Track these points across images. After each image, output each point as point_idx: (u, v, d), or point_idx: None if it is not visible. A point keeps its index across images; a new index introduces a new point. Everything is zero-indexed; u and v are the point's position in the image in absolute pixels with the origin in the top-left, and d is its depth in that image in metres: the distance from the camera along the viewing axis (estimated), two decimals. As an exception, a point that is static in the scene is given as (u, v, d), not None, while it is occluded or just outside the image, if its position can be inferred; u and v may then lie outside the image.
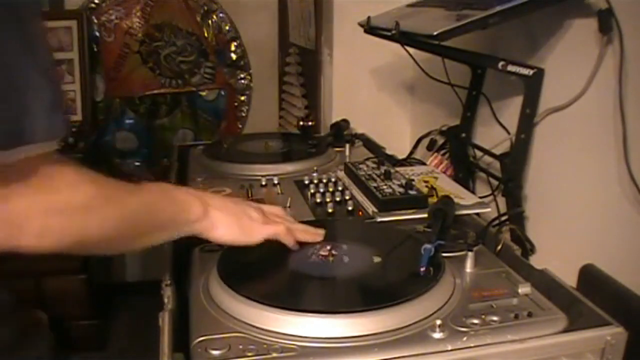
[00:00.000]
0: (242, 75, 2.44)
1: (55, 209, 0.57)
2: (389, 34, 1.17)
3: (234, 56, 2.41)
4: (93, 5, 2.26)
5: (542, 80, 1.09)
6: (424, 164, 1.33)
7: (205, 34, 2.37)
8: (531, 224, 1.16)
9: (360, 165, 1.17)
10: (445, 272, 0.75)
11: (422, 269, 0.74)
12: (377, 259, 0.79)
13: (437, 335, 0.64)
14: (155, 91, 2.38)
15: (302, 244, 0.82)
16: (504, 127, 1.23)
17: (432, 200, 1.01)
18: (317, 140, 1.43)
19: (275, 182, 1.14)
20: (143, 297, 0.98)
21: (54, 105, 0.56)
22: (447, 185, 1.12)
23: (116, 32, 2.29)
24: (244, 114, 2.48)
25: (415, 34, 1.10)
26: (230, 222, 0.77)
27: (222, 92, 2.45)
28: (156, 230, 0.71)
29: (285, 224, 0.82)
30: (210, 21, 2.36)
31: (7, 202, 0.53)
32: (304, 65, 2.05)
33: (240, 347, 0.62)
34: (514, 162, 1.14)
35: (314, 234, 0.84)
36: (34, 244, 0.56)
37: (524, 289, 0.73)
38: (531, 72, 1.08)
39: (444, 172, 1.28)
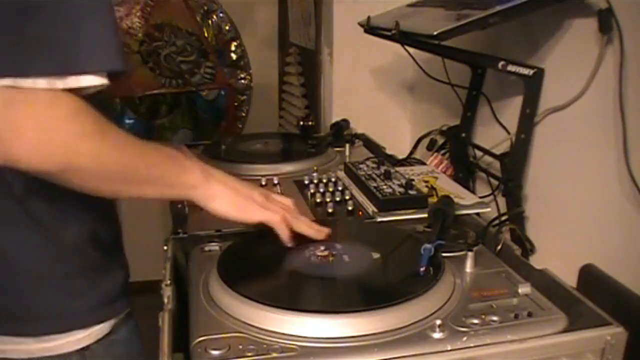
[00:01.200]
0: (242, 75, 2.44)
1: (51, 128, 0.60)
2: (389, 34, 1.17)
3: (234, 56, 2.41)
4: (93, 5, 2.25)
5: (542, 80, 1.09)
6: (424, 164, 1.33)
7: (205, 34, 2.37)
8: (531, 224, 1.16)
9: (360, 165, 1.17)
10: (445, 272, 0.75)
11: (422, 269, 0.74)
12: (376, 255, 0.79)
13: (437, 335, 0.64)
14: (155, 91, 2.38)
15: (301, 242, 0.82)
16: (504, 127, 1.23)
17: (432, 200, 1.01)
18: (317, 140, 1.43)
19: (275, 182, 1.14)
20: (143, 297, 0.98)
21: (110, 38, 0.62)
22: (447, 185, 1.12)
23: (116, 32, 2.29)
24: (244, 114, 2.49)
25: (415, 33, 1.10)
26: (228, 197, 0.78)
27: (222, 92, 2.45)
28: (152, 182, 0.72)
29: (285, 214, 0.81)
30: (210, 21, 2.36)
31: (6, 112, 0.58)
32: (304, 65, 2.05)
33: (240, 347, 0.62)
34: (514, 162, 1.14)
35: (317, 230, 0.83)
36: (26, 156, 0.60)
37: (524, 289, 0.73)
38: (531, 72, 1.08)
39: (444, 172, 1.28)
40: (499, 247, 0.87)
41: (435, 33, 1.00)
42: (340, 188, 1.10)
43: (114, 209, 0.85)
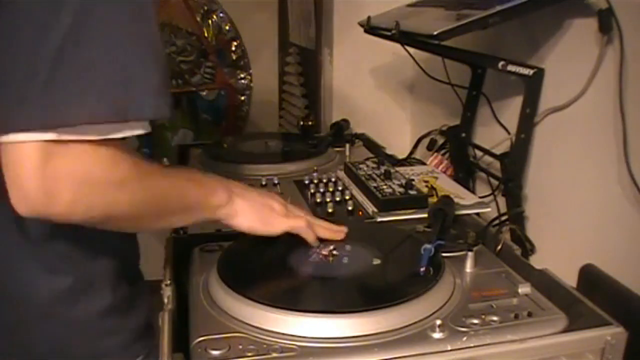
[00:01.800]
0: (242, 75, 2.44)
1: (91, 183, 0.57)
2: (389, 33, 1.17)
3: (234, 56, 2.41)
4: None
5: (542, 80, 1.09)
6: (424, 164, 1.33)
7: (205, 34, 2.37)
8: (531, 224, 1.16)
9: (360, 165, 1.17)
10: (445, 272, 0.75)
11: (422, 269, 0.74)
12: (375, 255, 0.79)
13: (437, 335, 0.64)
14: (155, 91, 2.38)
15: (294, 241, 0.82)
16: (504, 127, 1.23)
17: (432, 200, 1.01)
18: (317, 140, 1.43)
19: (275, 182, 1.14)
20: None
21: (160, 85, 0.58)
22: (447, 185, 1.12)
23: (116, 32, 2.29)
24: (244, 114, 2.48)
25: (415, 33, 1.10)
26: (251, 211, 0.78)
27: (222, 92, 2.45)
28: (182, 211, 0.72)
29: (307, 218, 0.82)
30: (210, 21, 2.36)
31: (46, 168, 0.54)
32: (304, 65, 2.05)
33: (240, 347, 0.62)
34: (514, 162, 1.14)
35: (336, 231, 0.84)
36: (65, 213, 0.57)
37: (524, 289, 0.73)
38: (531, 72, 1.08)
39: (444, 172, 1.28)
40: (499, 247, 0.87)
41: (435, 33, 1.00)
42: (340, 188, 1.10)
43: (135, 235, 0.84)
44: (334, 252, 0.80)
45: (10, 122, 0.53)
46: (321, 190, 1.08)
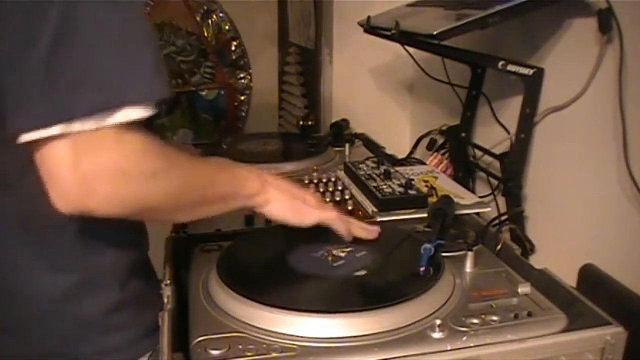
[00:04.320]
0: (242, 75, 2.44)
1: (125, 175, 0.58)
2: (389, 34, 1.17)
3: (234, 56, 2.41)
4: (93, 5, 2.25)
5: (542, 80, 1.09)
6: (424, 164, 1.33)
7: (205, 34, 2.36)
8: (531, 224, 1.16)
9: (360, 165, 1.17)
10: (445, 272, 0.75)
11: (422, 269, 0.74)
12: (375, 255, 0.79)
13: (437, 335, 0.64)
14: (155, 91, 2.38)
15: (308, 240, 0.82)
16: (504, 127, 1.23)
17: (432, 200, 1.01)
18: (317, 140, 1.43)
19: (275, 182, 1.14)
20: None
21: (155, 67, 0.59)
22: (447, 185, 1.12)
23: (116, 32, 2.28)
24: (244, 114, 2.48)
25: (415, 33, 1.10)
26: (284, 201, 0.78)
27: (222, 92, 2.44)
28: (216, 201, 0.72)
29: (339, 212, 0.83)
30: (210, 21, 2.36)
31: (80, 164, 0.55)
32: (304, 65, 2.05)
33: (240, 347, 0.62)
34: (514, 162, 1.14)
35: (371, 231, 0.84)
36: (103, 207, 0.58)
37: (524, 289, 0.73)
38: (531, 72, 1.08)
39: (444, 172, 1.28)
40: (499, 247, 0.87)
41: (435, 33, 1.00)
42: (340, 188, 1.10)
43: (145, 232, 0.84)
44: (334, 252, 0.80)
45: (18, 121, 0.54)
46: (321, 190, 1.08)
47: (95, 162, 0.56)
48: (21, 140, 0.55)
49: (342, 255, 0.80)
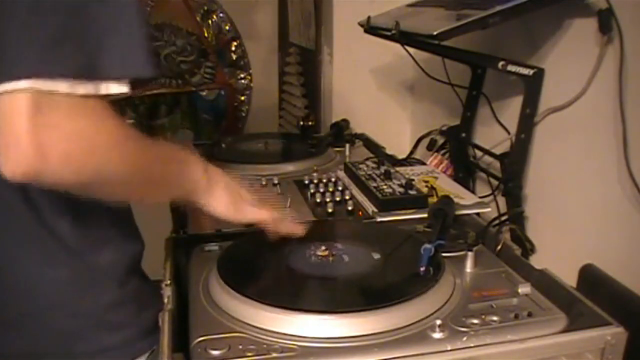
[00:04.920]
0: (242, 75, 2.44)
1: (81, 137, 0.56)
2: (389, 34, 1.17)
3: (234, 56, 2.41)
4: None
5: (542, 80, 1.09)
6: (424, 164, 1.33)
7: (205, 34, 2.36)
8: (531, 224, 1.16)
9: (360, 165, 1.17)
10: (445, 272, 0.75)
11: (422, 269, 0.74)
12: (376, 255, 0.79)
13: (437, 335, 0.64)
14: (155, 91, 2.38)
15: (302, 241, 0.82)
16: (504, 127, 1.23)
17: (432, 200, 1.01)
18: (317, 140, 1.43)
19: (275, 182, 1.14)
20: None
21: (137, 42, 0.57)
22: (447, 185, 1.12)
23: (116, 32, 2.28)
24: (244, 114, 2.48)
25: (415, 33, 1.10)
26: (226, 197, 0.78)
27: (222, 92, 2.44)
28: (164, 184, 0.71)
29: (273, 212, 0.82)
30: (210, 21, 2.36)
31: (38, 121, 0.53)
32: (304, 65, 2.05)
33: (240, 347, 0.62)
34: (514, 162, 1.14)
35: (298, 227, 0.83)
36: (55, 169, 0.55)
37: (524, 289, 0.73)
38: (531, 72, 1.08)
39: (444, 172, 1.28)
40: (499, 247, 0.87)
41: (435, 33, 1.00)
42: (340, 188, 1.10)
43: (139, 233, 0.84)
44: (334, 252, 0.80)
45: None
46: (321, 190, 1.08)
47: (55, 122, 0.54)
48: None
49: (342, 255, 0.80)
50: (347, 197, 1.06)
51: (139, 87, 0.61)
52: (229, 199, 0.78)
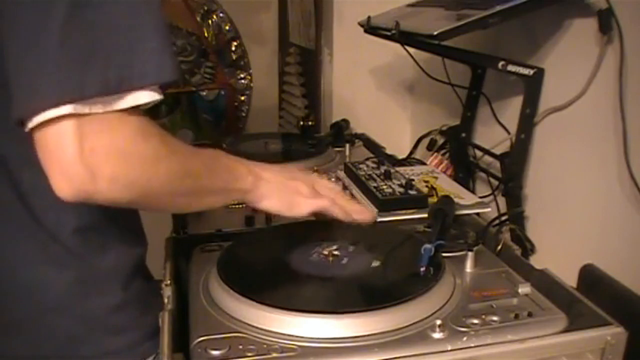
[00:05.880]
0: (242, 75, 2.43)
1: (126, 154, 0.57)
2: (389, 34, 1.17)
3: (234, 56, 2.41)
4: (93, 5, 2.25)
5: (542, 80, 1.09)
6: (424, 164, 1.33)
7: (205, 34, 2.36)
8: (531, 224, 1.16)
9: (360, 165, 1.17)
10: (445, 272, 0.75)
11: (422, 269, 0.74)
12: (375, 255, 0.79)
13: (437, 335, 0.64)
14: (155, 91, 2.38)
15: (308, 239, 0.82)
16: (504, 127, 1.23)
17: (432, 200, 1.01)
18: (317, 140, 1.43)
19: (275, 182, 1.14)
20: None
21: (163, 48, 0.58)
22: (447, 185, 1.12)
23: (116, 32, 2.28)
24: (244, 114, 2.48)
25: (415, 33, 1.10)
26: (277, 195, 0.77)
27: (222, 92, 2.44)
28: (211, 193, 0.71)
29: (334, 197, 0.82)
30: (210, 21, 2.36)
31: (85, 145, 0.54)
32: (304, 65, 2.05)
33: (240, 347, 0.62)
34: (514, 162, 1.14)
35: (367, 213, 0.84)
36: (107, 190, 0.56)
37: (524, 289, 0.73)
38: (531, 72, 1.08)
39: (444, 172, 1.28)
40: (499, 247, 0.87)
41: (435, 33, 1.00)
42: (340, 188, 1.09)
43: (143, 234, 0.84)
44: (334, 252, 0.80)
45: (29, 105, 0.53)
46: (321, 190, 1.08)
47: (100, 143, 0.55)
48: (30, 124, 0.53)
49: (342, 255, 0.80)
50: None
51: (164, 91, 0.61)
52: (281, 197, 0.77)
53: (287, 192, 0.78)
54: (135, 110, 0.57)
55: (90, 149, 0.54)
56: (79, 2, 0.53)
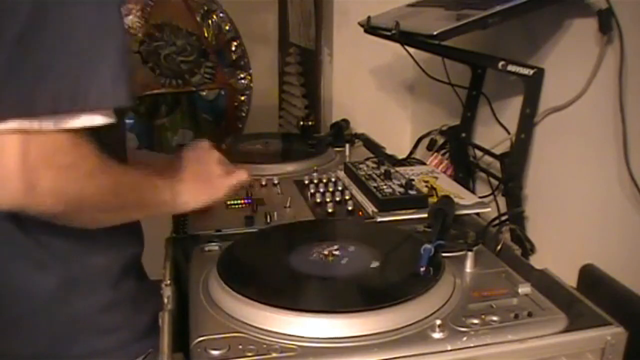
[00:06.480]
0: (242, 75, 2.44)
1: (67, 172, 0.59)
2: (389, 33, 1.17)
3: (234, 56, 2.41)
4: (93, 5, 2.25)
5: (542, 80, 1.09)
6: (424, 164, 1.33)
7: (205, 34, 2.36)
8: (531, 224, 1.16)
9: (360, 165, 1.17)
10: (445, 272, 0.75)
11: (422, 269, 0.74)
12: (375, 255, 0.79)
13: (437, 335, 0.64)
14: (156, 91, 2.38)
15: (303, 241, 0.82)
16: (504, 127, 1.23)
17: (432, 200, 1.01)
18: (317, 140, 1.43)
19: (275, 182, 1.14)
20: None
21: (119, 73, 0.59)
22: (447, 185, 1.12)
23: (116, 32, 2.28)
24: (244, 114, 2.48)
25: (415, 33, 1.10)
26: (195, 189, 0.81)
27: (222, 92, 2.44)
28: (136, 207, 0.74)
29: (244, 171, 0.86)
30: (210, 21, 2.36)
31: (27, 160, 0.56)
32: (304, 65, 2.05)
33: (240, 347, 0.62)
34: (514, 162, 1.14)
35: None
36: (41, 202, 0.58)
37: (524, 289, 0.73)
38: (531, 72, 1.08)
39: (444, 172, 1.28)
40: (499, 247, 0.87)
41: (435, 33, 1.00)
42: (340, 188, 1.10)
43: (141, 232, 0.85)
44: (334, 252, 0.80)
45: None
46: (321, 190, 1.08)
47: (44, 160, 0.57)
48: None
49: (342, 255, 0.80)
50: (347, 197, 1.06)
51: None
52: (199, 191, 0.81)
53: (202, 182, 0.82)
54: (84, 130, 0.59)
55: (33, 164, 0.56)
56: (34, 24, 0.54)
